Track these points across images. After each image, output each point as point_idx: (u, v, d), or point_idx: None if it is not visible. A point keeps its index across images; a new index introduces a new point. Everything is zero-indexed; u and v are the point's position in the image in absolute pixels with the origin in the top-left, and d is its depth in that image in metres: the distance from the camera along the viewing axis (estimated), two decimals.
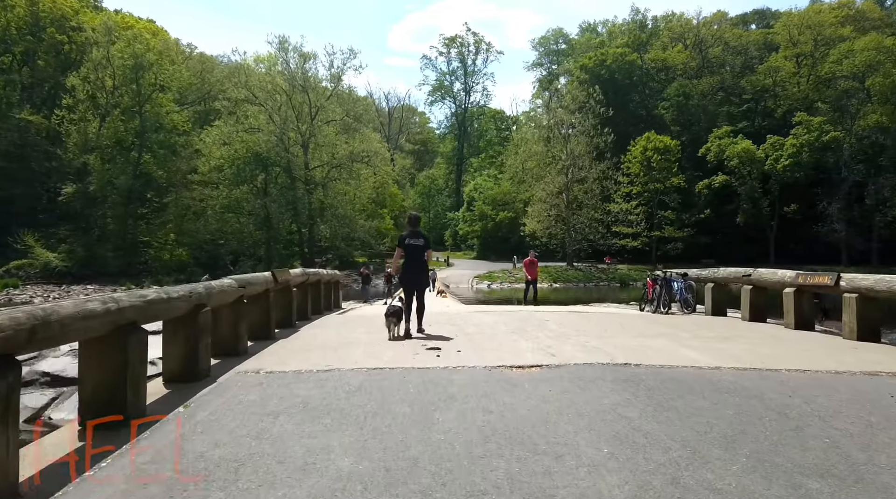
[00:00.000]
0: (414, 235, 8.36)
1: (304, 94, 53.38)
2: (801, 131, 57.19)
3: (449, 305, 15.41)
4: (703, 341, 7.46)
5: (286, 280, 8.83)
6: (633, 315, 11.45)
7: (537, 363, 5.86)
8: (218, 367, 5.95)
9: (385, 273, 28.92)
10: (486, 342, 7.37)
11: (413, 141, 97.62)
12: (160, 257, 53.35)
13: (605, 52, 67.00)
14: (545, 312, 11.67)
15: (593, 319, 10.29)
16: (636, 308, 18.75)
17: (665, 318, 11.19)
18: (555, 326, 8.91)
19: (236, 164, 50.67)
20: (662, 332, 8.42)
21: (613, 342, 7.26)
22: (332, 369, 5.77)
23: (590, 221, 59.00)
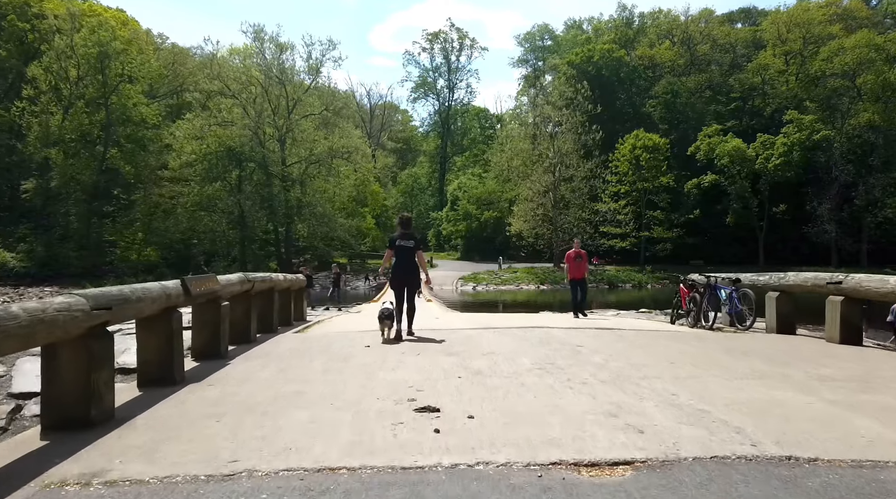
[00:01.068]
0: (405, 236, 8.14)
1: (280, 86, 50.28)
2: (792, 130, 55.32)
3: (439, 317, 12.58)
4: (844, 390, 4.75)
5: (210, 291, 5.98)
6: (680, 334, 8.75)
7: (623, 459, 3.09)
8: (31, 461, 3.13)
9: (333, 273, 24.71)
10: (512, 395, 4.60)
11: (395, 139, 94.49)
12: (127, 258, 49.89)
13: (592, 48, 64.63)
14: (563, 329, 8.90)
15: (638, 342, 7.56)
16: (656, 317, 16.21)
17: (724, 337, 8.49)
18: (597, 357, 6.17)
19: (208, 159, 47.38)
20: (759, 368, 5.72)
21: (713, 394, 4.53)
22: (237, 475, 2.96)
23: (577, 221, 56.60)
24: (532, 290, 50.65)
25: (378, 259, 62.32)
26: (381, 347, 7.20)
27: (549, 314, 20.96)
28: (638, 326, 10.24)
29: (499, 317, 14.63)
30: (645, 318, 15.16)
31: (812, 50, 61.15)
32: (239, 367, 5.96)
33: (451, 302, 40.83)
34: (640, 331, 9.05)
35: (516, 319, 12.51)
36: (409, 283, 8.23)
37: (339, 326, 10.66)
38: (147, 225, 50.36)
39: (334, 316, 14.04)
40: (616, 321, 11.99)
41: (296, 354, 6.75)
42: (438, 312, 18.25)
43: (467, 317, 14.78)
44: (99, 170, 49.88)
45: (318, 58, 51.71)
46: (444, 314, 16.98)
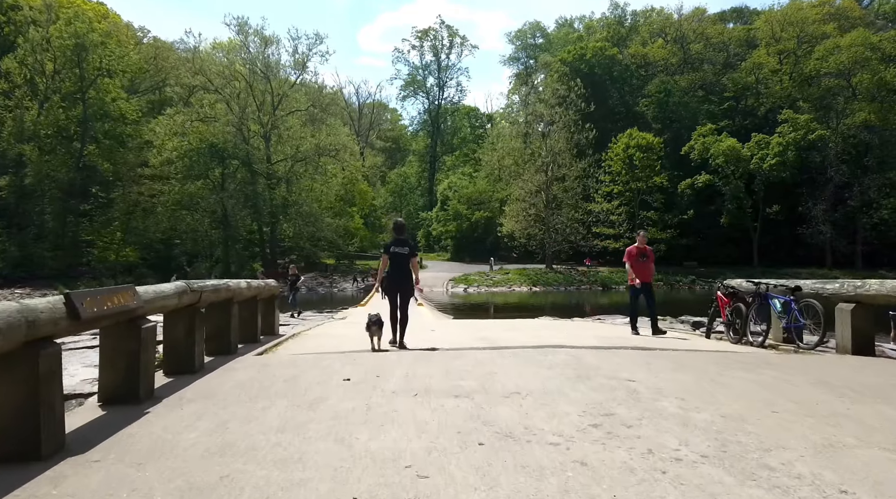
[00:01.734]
0: (399, 242, 7.99)
1: (265, 81, 48.24)
2: (787, 129, 54.08)
3: (434, 329, 10.76)
4: None
5: (120, 311, 4.12)
6: (737, 357, 6.93)
7: None
8: None
9: (291, 275, 21.61)
10: (575, 488, 2.78)
11: (384, 138, 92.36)
12: (105, 258, 47.60)
13: (585, 45, 63.09)
14: (591, 350, 7.12)
15: (700, 371, 5.75)
16: (674, 326, 14.48)
17: (799, 362, 6.71)
18: (667, 403, 4.39)
19: (189, 156, 45.23)
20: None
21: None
22: None
23: (569, 222, 55.04)
24: (524, 292, 48.98)
25: (366, 260, 60.52)
26: (364, 377, 5.40)
27: (548, 320, 19.22)
28: (672, 344, 8.44)
29: (499, 326, 12.87)
30: (681, 330, 13.40)
31: (806, 49, 60.03)
32: (161, 420, 4.10)
33: (441, 304, 39.07)
34: (688, 352, 7.27)
35: (522, 331, 10.76)
36: (402, 290, 7.97)
37: (316, 341, 8.79)
38: (126, 224, 48.09)
39: (314, 327, 12.09)
40: (666, 341, 10.21)
41: (249, 392, 4.90)
42: (432, 320, 16.44)
43: (464, 326, 13.03)
44: (76, 167, 47.66)
45: (305, 52, 49.79)
46: (439, 322, 15.18)
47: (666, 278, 53.97)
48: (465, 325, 13.42)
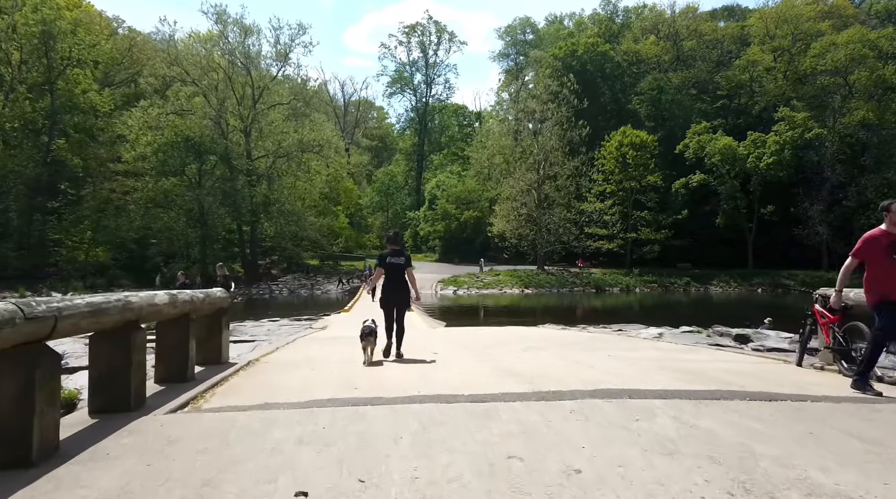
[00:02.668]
0: (395, 253, 7.68)
1: (245, 73, 45.33)
2: (783, 128, 52.20)
3: (437, 351, 8.21)
4: None
5: None
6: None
7: None
8: None
9: (219, 276, 16.28)
10: None
11: (371, 136, 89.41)
12: (74, 259, 44.40)
13: (576, 41, 60.82)
14: (692, 403, 4.58)
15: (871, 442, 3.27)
16: (712, 341, 12.08)
17: None
18: None
19: (163, 150, 42.27)
20: None
21: None
22: None
23: (562, 221, 52.73)
24: (516, 294, 46.60)
25: (352, 260, 57.88)
26: (337, 484, 2.83)
27: (552, 328, 16.81)
28: (782, 382, 5.94)
29: (513, 339, 10.47)
30: (708, 343, 10.98)
31: (800, 47, 58.31)
32: None
33: (430, 307, 36.56)
34: (825, 403, 4.77)
35: (549, 351, 8.32)
36: (399, 302, 7.77)
37: (276, 377, 6.18)
38: (96, 223, 44.94)
39: (281, 346, 9.39)
40: (689, 356, 7.78)
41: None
42: (425, 329, 13.90)
43: (468, 341, 10.60)
44: (43, 162, 44.51)
45: (287, 43, 46.93)
46: (434, 333, 12.67)
47: (660, 280, 51.92)
48: (468, 339, 10.89)
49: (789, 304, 44.51)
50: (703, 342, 11.31)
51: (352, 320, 18.89)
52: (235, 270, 49.79)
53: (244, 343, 10.41)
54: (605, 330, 14.83)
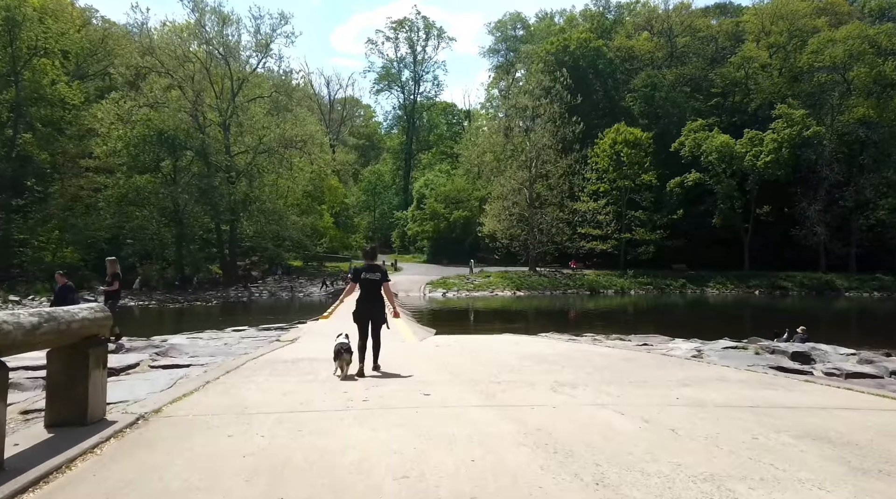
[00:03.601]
0: (371, 268, 7.43)
1: (224, 64, 42.57)
2: (781, 125, 50.29)
3: (429, 392, 5.73)
4: None
5: None
6: None
7: None
8: None
9: (59, 286, 12.29)
10: None
11: (357, 135, 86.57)
12: (40, 259, 41.32)
13: (569, 37, 58.60)
14: None
15: None
16: (752, 352, 9.73)
17: None
18: None
19: (134, 144, 39.41)
20: None
21: None
22: None
23: (554, 221, 50.44)
24: (507, 296, 44.26)
25: (337, 261, 55.18)
26: None
27: (560, 339, 14.50)
28: None
29: (517, 356, 8.16)
30: (766, 366, 8.61)
31: (796, 44, 56.57)
32: None
33: (418, 310, 34.11)
34: None
35: (584, 390, 5.94)
36: (374, 317, 7.39)
37: (169, 447, 3.73)
38: (64, 221, 41.91)
39: (209, 382, 6.77)
40: (785, 397, 5.42)
41: None
42: (415, 347, 11.41)
43: (470, 359, 8.23)
44: (7, 157, 41.36)
45: (268, 33, 44.08)
46: (426, 350, 10.20)
47: (655, 282, 49.80)
48: (468, 362, 8.47)
49: (789, 306, 42.54)
50: (758, 364, 8.94)
51: (329, 329, 16.33)
52: (214, 272, 47.04)
53: (175, 369, 7.88)
54: (626, 343, 12.43)
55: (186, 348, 10.28)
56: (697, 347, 11.12)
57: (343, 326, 8.26)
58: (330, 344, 7.39)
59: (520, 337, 16.49)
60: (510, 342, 13.07)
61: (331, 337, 7.39)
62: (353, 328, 7.34)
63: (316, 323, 19.31)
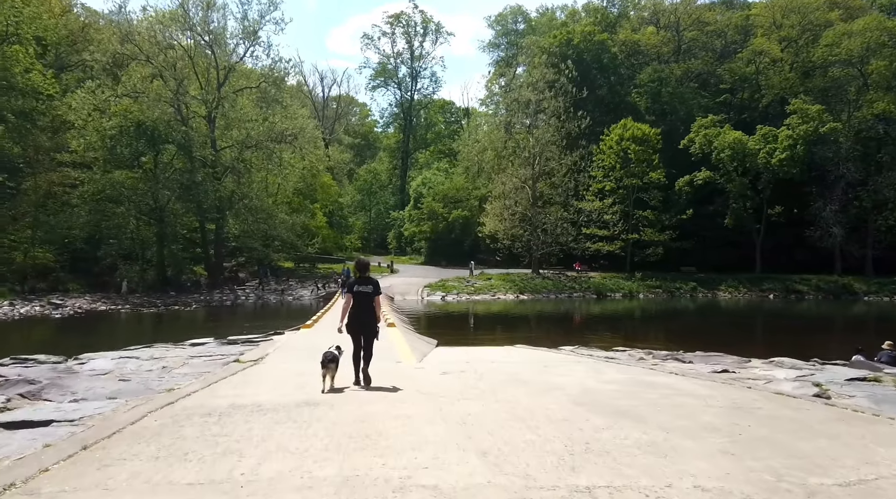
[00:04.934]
0: (363, 281, 7.48)
1: (209, 51, 39.34)
2: (796, 121, 47.30)
3: (460, 452, 2.51)
4: None
5: None
6: None
7: None
8: None
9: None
10: None
11: (352, 133, 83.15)
12: (11, 259, 37.95)
13: (572, 30, 55.49)
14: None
15: None
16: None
17: None
18: None
19: (109, 136, 36.12)
20: None
21: None
22: None
23: (557, 221, 47.33)
24: (510, 300, 41.18)
25: (330, 263, 51.94)
26: None
27: (595, 356, 11.56)
28: None
29: (561, 394, 5.16)
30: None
31: (809, 38, 53.63)
32: None
33: (415, 314, 31.02)
34: None
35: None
36: (366, 330, 7.37)
37: None
38: (37, 219, 38.60)
39: (28, 481, 3.63)
40: None
41: None
42: (411, 373, 8.26)
43: (493, 401, 5.16)
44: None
45: (256, 19, 40.72)
46: (427, 379, 7.13)
47: (664, 285, 46.75)
48: (492, 407, 5.36)
49: (806, 311, 39.57)
50: None
51: (311, 343, 13.13)
52: (198, 274, 43.73)
53: (27, 430, 4.74)
54: (694, 368, 9.28)
55: (84, 382, 7.08)
56: (802, 377, 7.99)
57: (328, 339, 7.91)
58: (306, 367, 7.04)
59: (542, 353, 13.34)
60: (536, 364, 9.93)
61: (309, 355, 7.15)
62: (339, 338, 7.39)
63: (295, 334, 16.10)
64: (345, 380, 7.07)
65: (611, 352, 14.35)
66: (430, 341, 17.53)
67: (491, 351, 14.24)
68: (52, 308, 30.55)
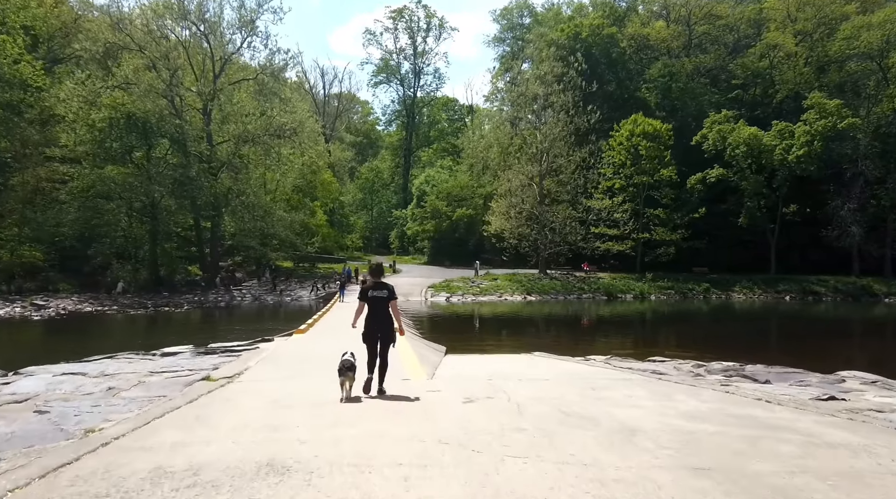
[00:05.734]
0: (377, 286, 7.15)
1: (203, 41, 37.32)
2: (814, 117, 45.18)
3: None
4: None
5: None
6: None
7: None
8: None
9: None
10: None
11: (354, 132, 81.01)
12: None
13: (580, 23, 53.42)
14: None
15: None
16: None
17: None
18: None
19: (98, 128, 34.09)
20: None
21: None
22: None
23: (565, 220, 45.25)
24: (518, 301, 39.10)
25: (331, 263, 49.96)
26: None
27: (634, 368, 9.57)
28: None
29: None
30: None
31: (824, 31, 51.52)
32: None
33: (419, 315, 29.00)
34: None
35: None
36: (382, 336, 7.05)
37: None
38: (24, 216, 36.56)
39: None
40: None
41: None
42: (421, 395, 6.24)
43: (565, 450, 3.19)
44: None
45: (254, 8, 38.65)
46: (443, 404, 5.08)
47: (677, 287, 44.64)
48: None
49: (831, 314, 37.36)
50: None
51: (303, 353, 11.08)
52: (193, 273, 41.67)
53: None
54: (769, 387, 7.20)
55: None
56: None
57: (324, 347, 8.69)
58: (289, 390, 6.24)
59: (574, 366, 11.27)
60: (579, 383, 7.88)
61: (298, 370, 6.53)
62: (336, 346, 7.49)
63: (285, 341, 14.04)
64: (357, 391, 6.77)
65: (648, 362, 12.30)
66: (439, 349, 15.50)
67: (510, 361, 12.20)
68: (34, 309, 28.50)
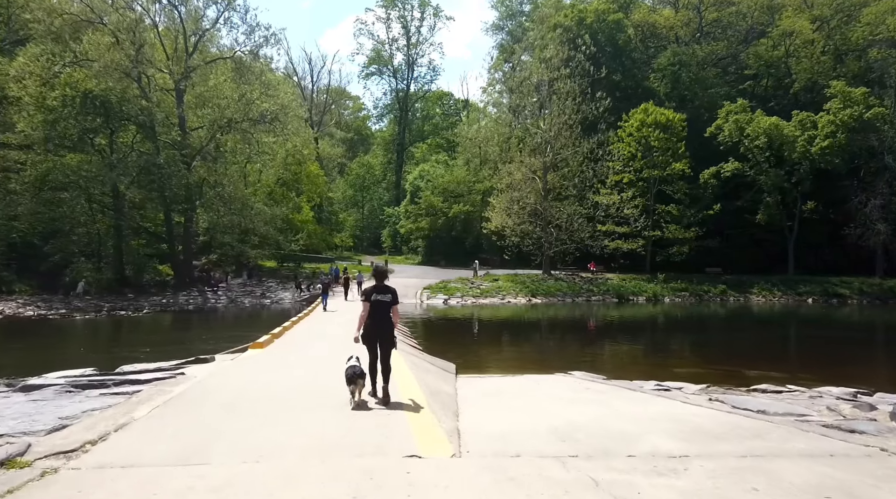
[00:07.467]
0: (381, 289, 6.86)
1: (176, 15, 32.98)
2: (837, 106, 41.45)
3: None
4: None
5: None
6: None
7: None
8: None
9: None
10: None
11: (344, 127, 76.59)
12: None
13: (585, 8, 49.54)
14: None
15: None
16: None
17: None
18: None
19: (49, 107, 29.64)
20: None
21: None
22: None
23: (571, 217, 41.23)
24: (521, 304, 34.97)
25: (318, 262, 45.73)
26: None
27: (714, 397, 5.23)
28: None
29: None
30: None
31: (842, 18, 47.94)
32: None
33: (413, 319, 24.84)
34: None
35: None
36: (384, 340, 6.81)
37: None
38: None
39: None
40: None
41: None
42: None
43: None
44: None
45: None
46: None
47: (691, 288, 40.71)
48: None
49: (847, 317, 33.61)
50: None
51: (245, 385, 6.80)
52: (164, 273, 37.19)
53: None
54: None
55: None
56: None
57: (289, 370, 7.78)
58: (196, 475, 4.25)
59: (686, 409, 7.13)
60: (724, 445, 3.66)
61: (220, 426, 5.08)
62: (298, 373, 7.40)
63: (233, 361, 9.74)
64: None
65: (766, 395, 8.20)
66: (447, 368, 11.31)
67: (559, 395, 8.01)
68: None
